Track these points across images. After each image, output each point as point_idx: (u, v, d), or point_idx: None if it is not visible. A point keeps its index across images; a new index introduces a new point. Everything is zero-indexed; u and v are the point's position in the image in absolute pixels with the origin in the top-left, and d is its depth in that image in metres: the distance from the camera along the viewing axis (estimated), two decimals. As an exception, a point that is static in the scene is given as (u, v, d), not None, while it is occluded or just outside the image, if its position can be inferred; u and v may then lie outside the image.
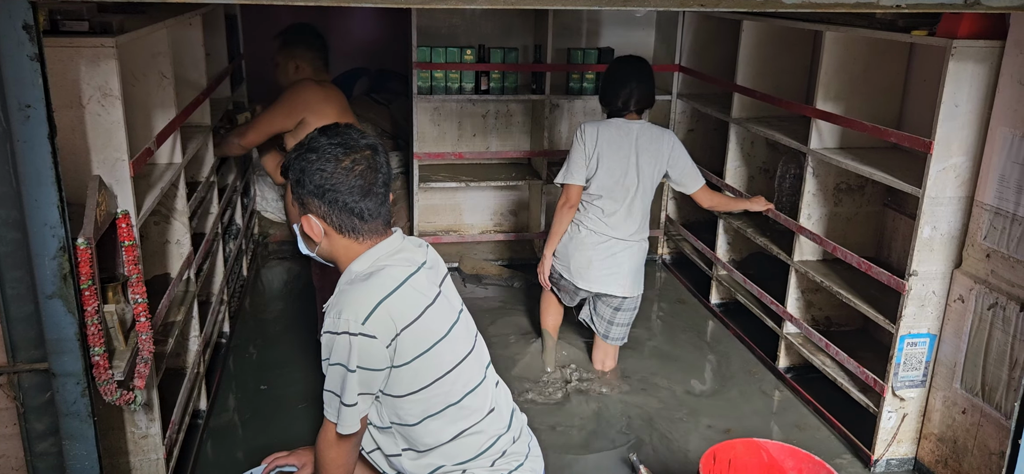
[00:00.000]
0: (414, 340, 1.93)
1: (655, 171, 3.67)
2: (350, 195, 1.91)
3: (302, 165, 1.91)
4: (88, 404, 2.13)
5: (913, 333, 3.14)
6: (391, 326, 1.88)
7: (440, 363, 1.99)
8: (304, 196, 1.93)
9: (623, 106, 3.64)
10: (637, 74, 3.67)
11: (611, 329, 3.89)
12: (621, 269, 3.71)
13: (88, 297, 2.10)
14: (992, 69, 2.83)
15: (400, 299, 1.91)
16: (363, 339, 1.86)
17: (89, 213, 2.15)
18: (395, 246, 2.01)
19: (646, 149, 3.62)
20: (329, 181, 1.90)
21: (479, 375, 2.11)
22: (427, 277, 2.02)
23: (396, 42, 5.92)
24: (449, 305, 2.07)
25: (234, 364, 4.01)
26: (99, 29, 2.31)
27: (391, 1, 1.76)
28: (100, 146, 2.37)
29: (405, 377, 1.95)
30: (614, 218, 3.66)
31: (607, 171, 3.61)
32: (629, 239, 3.70)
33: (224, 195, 4.13)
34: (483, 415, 2.10)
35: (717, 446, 2.78)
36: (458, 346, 2.05)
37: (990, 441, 2.92)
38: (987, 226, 2.90)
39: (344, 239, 1.97)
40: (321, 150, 1.91)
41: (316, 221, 1.94)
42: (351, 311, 1.86)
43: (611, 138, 3.60)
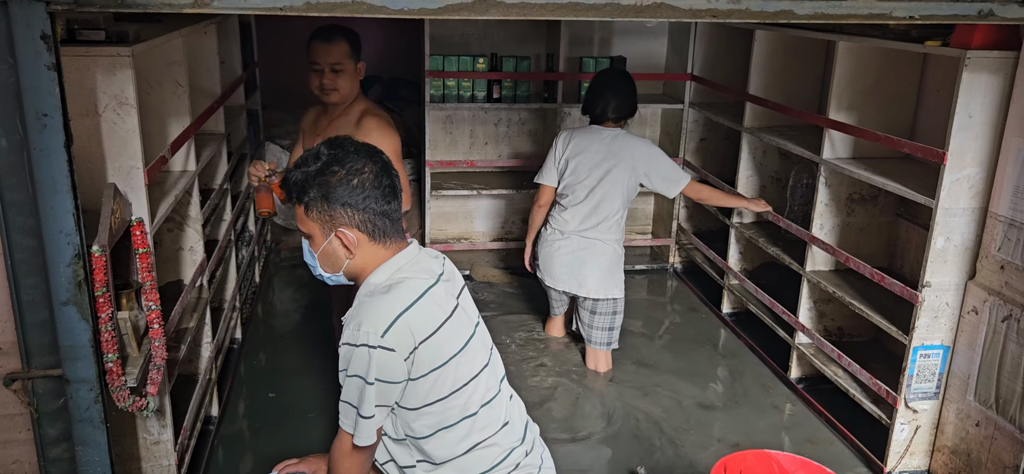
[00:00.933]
0: (431, 353, 1.93)
1: (629, 178, 3.87)
2: (382, 199, 1.94)
3: (327, 180, 1.91)
4: (101, 410, 2.14)
5: (926, 345, 3.12)
6: (410, 339, 1.89)
7: (456, 376, 1.99)
8: (333, 211, 1.93)
9: (600, 114, 3.90)
10: (613, 85, 3.91)
11: (591, 333, 4.02)
12: (584, 268, 3.89)
13: (102, 304, 2.11)
14: (1006, 80, 2.82)
15: (419, 312, 1.92)
16: (382, 352, 1.87)
17: (104, 221, 2.16)
18: (412, 256, 2.02)
19: (619, 156, 3.83)
20: (360, 188, 1.91)
21: (494, 388, 2.12)
22: (445, 289, 2.03)
23: (409, 50, 5.94)
24: (466, 318, 2.07)
25: (246, 370, 4.02)
26: (115, 38, 2.34)
27: (404, 13, 1.77)
28: (115, 154, 2.39)
29: (421, 390, 1.95)
30: (576, 217, 3.87)
31: (574, 173, 3.87)
32: (592, 238, 3.86)
33: (237, 202, 4.15)
34: (497, 428, 2.10)
35: (728, 457, 2.77)
36: (474, 359, 2.05)
37: (1004, 454, 2.90)
38: (1001, 238, 2.88)
39: (374, 245, 1.98)
40: (345, 162, 1.92)
41: (350, 232, 1.94)
42: (370, 324, 1.87)
43: (583, 144, 3.87)
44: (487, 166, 5.29)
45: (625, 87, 3.92)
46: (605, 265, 3.90)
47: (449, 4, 1.78)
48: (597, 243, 3.88)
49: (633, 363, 4.22)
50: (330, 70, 3.18)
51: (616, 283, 3.95)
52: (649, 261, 5.53)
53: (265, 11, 1.74)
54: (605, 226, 3.87)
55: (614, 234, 3.91)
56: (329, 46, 3.18)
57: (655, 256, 5.60)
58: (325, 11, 1.75)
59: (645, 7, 1.88)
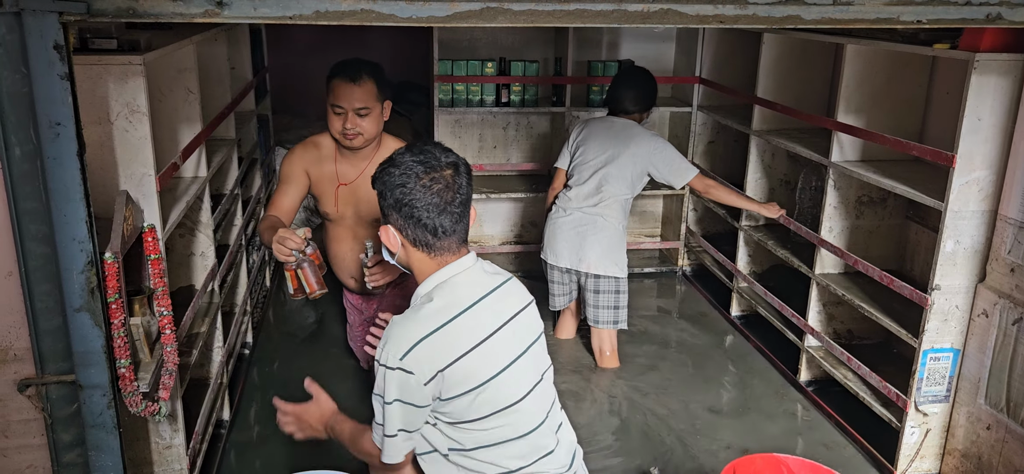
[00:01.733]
0: (462, 376, 1.95)
1: (633, 165, 3.97)
2: (425, 211, 1.97)
3: (385, 179, 2.01)
4: (114, 415, 2.16)
5: (936, 348, 3.11)
6: (430, 364, 1.92)
7: (495, 398, 2.00)
8: (385, 208, 2.03)
9: (614, 105, 4.15)
10: (626, 79, 4.16)
11: (597, 313, 4.07)
12: (585, 243, 3.97)
13: (115, 310, 2.13)
14: (1016, 82, 2.81)
15: (444, 336, 1.94)
16: (401, 374, 1.92)
17: (116, 228, 2.18)
18: (459, 270, 2.04)
19: (626, 143, 3.98)
20: (407, 196, 1.97)
21: (541, 414, 2.11)
22: (490, 310, 2.03)
23: (417, 54, 5.96)
24: (514, 339, 2.07)
25: (257, 375, 4.04)
26: (127, 47, 2.36)
27: (412, 21, 1.78)
28: (127, 161, 2.41)
29: (458, 408, 1.98)
30: (579, 196, 4.01)
31: (582, 156, 4.06)
32: (593, 214, 3.95)
33: (248, 207, 4.17)
34: (539, 456, 2.10)
35: (737, 461, 2.76)
36: (520, 381, 2.05)
37: (1015, 458, 2.89)
38: (1011, 240, 2.87)
39: (418, 252, 2.04)
40: (403, 166, 1.99)
41: (394, 232, 2.03)
42: (393, 345, 1.93)
43: (594, 130, 4.09)
44: (496, 170, 5.30)
45: (637, 81, 4.12)
46: (606, 242, 3.97)
47: (457, 12, 1.80)
48: (598, 219, 3.96)
49: (643, 366, 4.22)
50: (355, 114, 2.88)
51: (617, 262, 4.00)
52: (658, 264, 5.53)
53: (275, 20, 1.76)
54: (607, 205, 3.96)
55: (616, 214, 3.98)
56: (354, 87, 2.86)
57: (664, 259, 5.60)
58: (334, 19, 1.76)
59: (652, 13, 1.88)
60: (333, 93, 2.89)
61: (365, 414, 3.62)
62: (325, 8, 1.76)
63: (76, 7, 1.71)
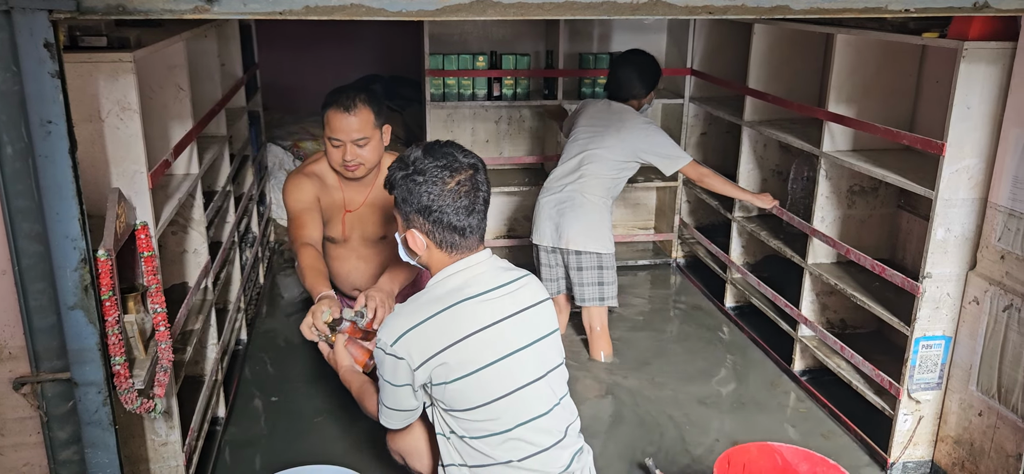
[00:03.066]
0: (458, 362, 2.01)
1: (620, 147, 3.97)
2: (455, 215, 2.03)
3: (409, 186, 2.04)
4: (109, 412, 2.16)
5: (928, 335, 3.13)
6: (420, 351, 2.02)
7: (491, 388, 2.02)
8: (409, 213, 2.07)
9: (609, 90, 4.21)
10: (620, 65, 4.17)
11: (582, 291, 4.06)
12: (564, 219, 3.98)
13: (109, 308, 2.13)
14: (1004, 70, 2.82)
15: (437, 323, 2.01)
16: (392, 359, 2.04)
17: (109, 225, 2.18)
18: (475, 262, 2.10)
19: (617, 128, 4.00)
20: (436, 202, 2.02)
21: (541, 407, 2.12)
22: (494, 302, 2.07)
23: (409, 49, 5.96)
24: (517, 332, 2.10)
25: (251, 371, 4.04)
26: (117, 44, 2.35)
27: (402, 14, 1.78)
28: (119, 159, 2.41)
29: (452, 394, 2.03)
30: (562, 173, 4.05)
31: (573, 133, 4.12)
32: (572, 191, 3.97)
33: (240, 203, 4.17)
34: (536, 451, 2.11)
35: (731, 450, 2.78)
36: (515, 374, 2.07)
37: (1007, 443, 2.91)
38: (1001, 228, 2.89)
39: (441, 252, 2.09)
40: (428, 173, 2.02)
41: (420, 236, 2.07)
42: (387, 331, 2.04)
43: (589, 109, 4.16)
44: (488, 164, 5.22)
45: (631, 65, 4.13)
46: (585, 218, 3.96)
47: (447, 5, 1.80)
48: (577, 196, 3.97)
49: (637, 358, 4.24)
50: (354, 145, 2.82)
51: (598, 238, 3.97)
52: (652, 256, 5.54)
53: (265, 15, 1.76)
54: (587, 182, 3.97)
55: (597, 192, 3.98)
56: (350, 117, 2.79)
57: (658, 251, 5.61)
58: (324, 15, 1.76)
59: (641, 4, 1.89)
60: (329, 125, 2.82)
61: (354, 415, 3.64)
62: (315, 3, 1.76)
63: (66, 4, 1.71)
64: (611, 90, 4.17)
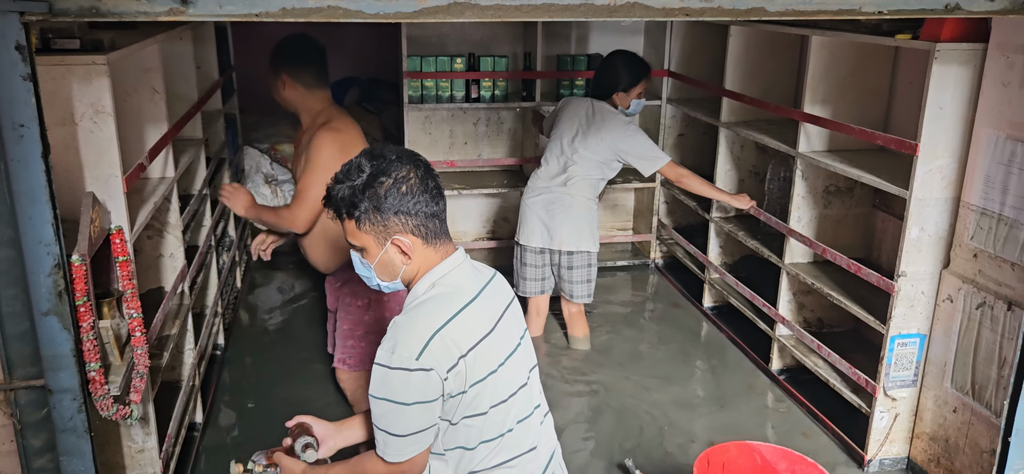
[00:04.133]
0: (471, 368, 1.91)
1: (602, 150, 3.97)
2: (431, 202, 1.94)
3: (376, 191, 1.89)
4: (85, 419, 2.14)
5: (903, 333, 3.17)
6: (447, 357, 1.87)
7: (495, 393, 1.97)
8: (387, 220, 1.91)
9: (591, 88, 4.22)
10: (602, 64, 4.18)
11: (572, 288, 4.15)
12: (555, 221, 4.02)
13: (83, 313, 2.11)
14: (975, 71, 2.86)
15: (457, 327, 1.90)
16: (420, 374, 1.84)
17: (83, 230, 2.16)
18: (455, 265, 2.00)
19: (597, 128, 3.98)
20: (410, 194, 1.91)
21: (527, 409, 2.11)
22: (483, 308, 2.00)
23: (386, 51, 5.94)
24: (508, 335, 2.05)
25: (229, 376, 4.01)
26: (90, 46, 2.33)
27: (379, 17, 1.78)
28: (93, 162, 2.38)
29: (462, 404, 1.93)
30: (548, 173, 4.06)
31: (555, 132, 4.12)
32: (560, 192, 4.01)
33: (217, 207, 4.14)
34: (523, 451, 2.08)
35: (710, 450, 2.80)
36: (513, 377, 2.03)
37: (981, 439, 2.95)
38: (974, 226, 2.93)
39: (426, 248, 1.97)
40: (389, 172, 1.90)
41: (405, 238, 1.93)
42: (405, 347, 1.84)
43: (569, 107, 4.14)
44: (467, 166, 5.30)
45: (612, 65, 4.12)
46: (575, 218, 4.02)
47: (424, 7, 1.79)
48: (566, 197, 4.01)
49: (617, 359, 4.25)
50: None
51: (588, 237, 4.07)
52: (631, 257, 5.56)
53: (241, 17, 1.74)
54: (574, 183, 4.00)
55: (584, 191, 4.03)
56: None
57: (636, 252, 5.63)
58: (301, 17, 1.75)
59: (619, 7, 1.90)
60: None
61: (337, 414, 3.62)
62: (292, 5, 1.75)
63: (38, 7, 1.69)
64: (594, 87, 4.17)
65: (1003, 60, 2.75)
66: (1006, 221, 2.79)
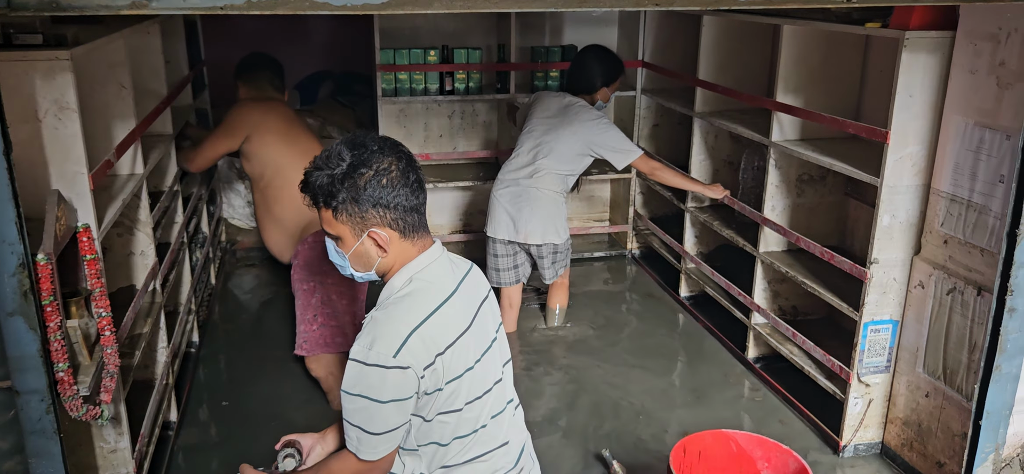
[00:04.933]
0: (448, 366, 1.90)
1: (574, 144, 4.00)
2: (410, 195, 1.91)
3: (355, 182, 1.86)
4: (53, 421, 2.11)
5: (876, 320, 3.19)
6: (425, 354, 1.85)
7: (471, 389, 1.96)
8: (365, 212, 1.88)
9: (566, 83, 4.26)
10: (577, 59, 4.21)
11: (544, 273, 4.21)
12: (521, 215, 4.03)
13: (50, 313, 2.08)
14: (944, 59, 2.89)
15: (435, 325, 1.87)
16: (397, 372, 1.82)
17: (48, 228, 2.12)
18: (433, 259, 1.98)
19: (569, 122, 4.00)
20: (390, 187, 1.87)
21: (501, 404, 2.10)
22: (462, 302, 1.98)
23: (360, 44, 5.89)
24: (484, 330, 2.04)
25: (204, 374, 3.97)
26: (53, 42, 2.28)
27: (346, 8, 1.76)
28: (58, 160, 2.34)
29: (438, 401, 1.92)
30: (516, 165, 4.07)
31: (527, 124, 4.13)
32: (526, 185, 4.02)
33: (189, 203, 4.09)
34: (495, 446, 2.07)
35: (686, 438, 2.81)
36: (488, 373, 2.03)
37: (953, 423, 2.98)
38: (944, 213, 2.96)
39: (404, 242, 1.94)
40: (370, 162, 1.87)
41: (382, 231, 1.90)
42: (383, 344, 1.82)
43: (542, 101, 4.15)
44: (443, 159, 5.28)
45: (586, 60, 4.15)
46: (542, 212, 4.03)
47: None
48: (532, 190, 4.02)
49: (594, 348, 4.26)
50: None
51: (556, 230, 4.09)
52: (608, 248, 5.58)
53: (206, 11, 1.72)
54: (541, 177, 4.02)
55: (551, 185, 4.04)
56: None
57: (613, 243, 5.64)
58: (267, 9, 1.73)
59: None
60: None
61: (314, 409, 3.59)
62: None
63: (-5, 1, 1.66)
64: (569, 81, 4.18)
65: (971, 48, 2.77)
66: (975, 207, 2.82)
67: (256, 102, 3.60)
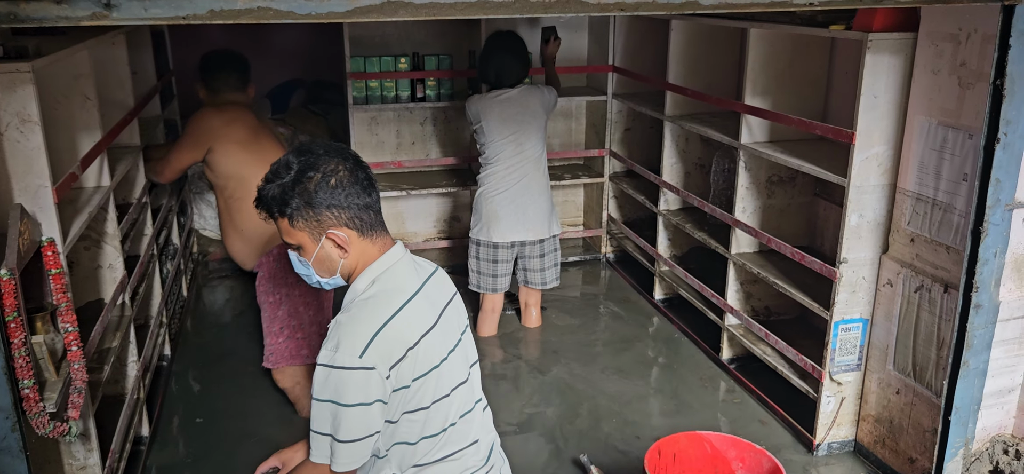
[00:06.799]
0: (414, 364, 1.89)
1: (541, 117, 4.16)
2: (363, 194, 1.91)
3: (305, 187, 1.87)
4: (19, 438, 2.08)
5: (846, 319, 3.22)
6: (390, 354, 1.84)
7: (437, 388, 1.96)
8: (319, 215, 1.89)
9: (509, 80, 4.12)
10: (511, 51, 4.16)
11: (544, 275, 4.32)
12: (527, 214, 4.15)
13: (14, 329, 2.05)
14: (907, 60, 2.93)
15: (400, 323, 1.87)
16: (362, 373, 1.81)
17: (11, 243, 2.09)
18: (395, 259, 1.98)
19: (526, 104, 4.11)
20: (340, 187, 1.88)
21: (469, 404, 2.10)
22: (427, 301, 1.98)
23: (330, 52, 5.87)
24: (450, 330, 2.04)
25: (177, 387, 3.93)
26: (14, 54, 2.25)
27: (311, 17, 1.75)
28: (21, 173, 2.31)
29: (403, 400, 1.91)
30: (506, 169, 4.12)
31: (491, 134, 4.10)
32: (525, 184, 4.12)
33: (159, 215, 4.05)
34: (465, 445, 2.07)
35: (661, 441, 2.82)
36: (454, 372, 2.02)
37: (923, 419, 3.02)
38: (910, 212, 3.00)
39: (363, 241, 1.95)
40: (318, 166, 1.88)
41: (340, 231, 1.91)
42: (348, 344, 1.81)
43: (492, 109, 4.09)
44: (416, 166, 5.27)
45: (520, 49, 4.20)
46: (545, 204, 4.21)
47: (357, 7, 1.77)
48: (532, 186, 4.13)
49: (569, 353, 4.26)
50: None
51: (555, 220, 4.30)
52: (582, 252, 5.59)
53: (168, 21, 1.70)
54: (535, 169, 4.14)
55: (544, 175, 4.21)
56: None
57: (588, 247, 5.66)
58: (229, 18, 1.72)
59: (553, 3, 1.89)
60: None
61: (289, 423, 3.56)
62: (220, 7, 1.71)
63: (-48, 14, 1.63)
64: (508, 79, 4.11)
65: (933, 49, 2.81)
66: (940, 205, 2.85)
67: (217, 110, 3.47)
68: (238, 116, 3.47)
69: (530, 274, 4.30)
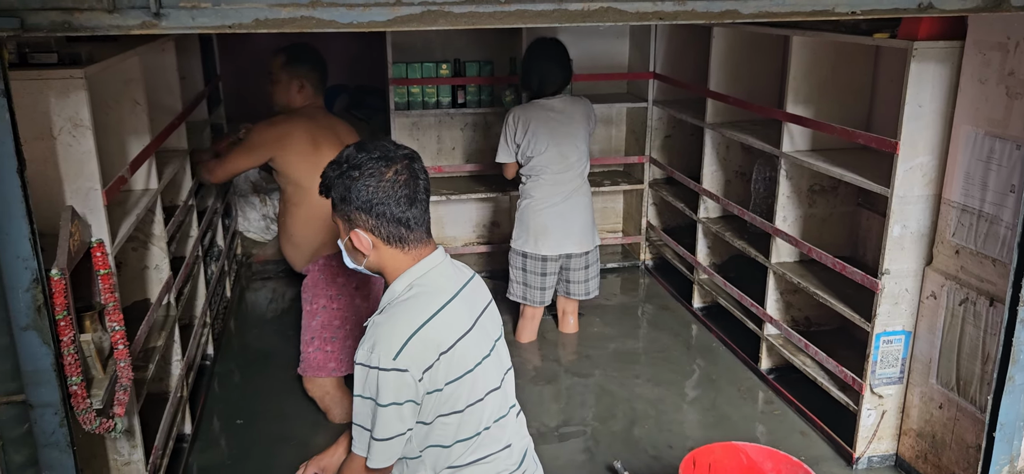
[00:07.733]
0: (448, 368, 1.93)
1: (586, 129, 4.18)
2: (397, 206, 1.95)
3: (346, 183, 1.96)
4: (67, 434, 2.14)
5: (888, 331, 3.18)
6: (424, 357, 1.89)
7: (472, 392, 1.99)
8: (350, 212, 1.98)
9: (553, 87, 4.12)
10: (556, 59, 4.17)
11: (588, 286, 4.34)
12: (575, 227, 4.17)
13: (63, 327, 2.10)
14: (953, 69, 2.88)
15: (436, 327, 1.92)
16: (396, 374, 1.86)
17: (62, 244, 2.16)
18: (433, 265, 2.02)
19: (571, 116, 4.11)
20: (376, 195, 1.93)
21: (502, 410, 2.12)
22: (464, 306, 2.02)
23: (373, 59, 5.94)
24: (484, 336, 2.07)
25: (219, 386, 4.01)
26: (68, 60, 2.33)
27: (353, 26, 1.78)
28: (72, 176, 2.38)
29: (437, 403, 1.95)
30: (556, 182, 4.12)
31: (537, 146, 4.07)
32: (575, 197, 4.15)
33: (204, 217, 4.13)
34: (498, 448, 2.10)
35: (697, 450, 2.80)
36: (488, 378, 2.05)
37: (967, 434, 2.96)
38: (955, 223, 2.94)
39: (391, 250, 2.00)
40: (363, 166, 1.95)
41: (364, 235, 1.98)
42: (384, 345, 1.87)
43: (538, 120, 4.07)
44: (455, 171, 5.31)
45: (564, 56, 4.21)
46: (590, 217, 4.24)
47: (397, 16, 1.80)
48: (581, 199, 4.17)
49: (608, 360, 4.26)
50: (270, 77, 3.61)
51: (596, 231, 4.34)
52: (621, 259, 5.57)
53: (214, 29, 1.75)
54: (581, 183, 4.17)
55: (588, 187, 4.24)
56: (273, 57, 3.63)
57: (627, 254, 5.64)
58: (274, 28, 1.76)
59: (592, 11, 1.90)
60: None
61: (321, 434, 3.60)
62: (264, 16, 1.75)
63: (9, 23, 1.69)
64: (553, 87, 4.10)
65: (980, 57, 2.76)
66: (986, 217, 2.80)
67: (284, 120, 3.46)
68: (300, 124, 3.43)
69: (573, 286, 4.30)
